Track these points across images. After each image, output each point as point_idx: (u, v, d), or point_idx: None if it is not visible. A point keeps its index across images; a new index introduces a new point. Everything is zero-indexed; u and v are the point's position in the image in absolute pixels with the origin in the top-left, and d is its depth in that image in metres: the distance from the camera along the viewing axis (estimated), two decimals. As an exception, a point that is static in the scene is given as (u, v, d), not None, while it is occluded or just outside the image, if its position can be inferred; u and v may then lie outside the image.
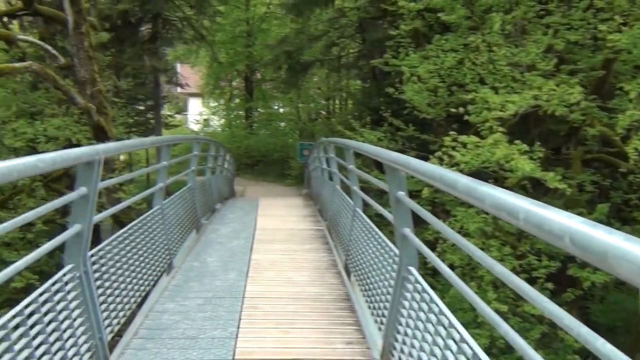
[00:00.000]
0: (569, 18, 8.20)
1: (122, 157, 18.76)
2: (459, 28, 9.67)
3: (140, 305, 4.16)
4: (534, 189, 8.84)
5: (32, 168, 2.08)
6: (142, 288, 4.04)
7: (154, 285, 4.57)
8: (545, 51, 8.19)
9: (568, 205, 8.47)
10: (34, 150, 10.22)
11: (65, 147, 4.78)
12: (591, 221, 1.07)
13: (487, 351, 7.67)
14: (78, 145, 9.80)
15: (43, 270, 9.30)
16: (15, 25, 15.75)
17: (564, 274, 8.08)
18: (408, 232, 2.88)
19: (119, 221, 9.66)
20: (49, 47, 10.69)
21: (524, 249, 8.02)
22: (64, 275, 2.77)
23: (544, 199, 8.68)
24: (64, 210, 5.32)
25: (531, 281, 8.07)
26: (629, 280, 0.91)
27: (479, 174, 8.19)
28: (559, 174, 7.47)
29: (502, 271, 1.74)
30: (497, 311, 7.48)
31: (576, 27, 8.11)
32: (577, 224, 1.07)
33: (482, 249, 7.41)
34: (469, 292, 2.08)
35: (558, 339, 8.03)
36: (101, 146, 3.01)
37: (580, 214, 7.59)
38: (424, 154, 9.69)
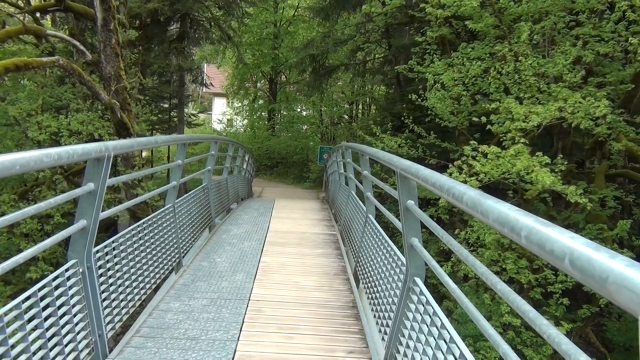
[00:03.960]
0: (599, 30, 8.00)
1: (144, 154, 18.99)
2: (486, 36, 9.54)
3: (145, 302, 4.15)
4: (555, 202, 8.65)
5: (36, 162, 2.07)
6: (147, 286, 4.03)
7: (161, 283, 4.57)
8: (573, 63, 8.02)
9: (589, 220, 8.28)
10: (57, 144, 10.38)
11: (87, 142, 4.82)
12: (594, 243, 1.00)
13: (498, 366, 7.53)
14: (100, 140, 9.93)
15: (60, 262, 9.42)
16: (47, 20, 16.06)
17: (581, 289, 7.89)
18: (416, 242, 2.81)
19: (137, 217, 9.73)
20: (77, 43, 10.81)
21: (540, 262, 7.84)
22: (67, 270, 2.76)
23: (564, 213, 8.53)
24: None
25: (547, 296, 7.88)
26: (629, 309, 0.85)
27: (499, 185, 8.05)
28: (581, 188, 7.29)
29: (503, 289, 1.66)
30: (509, 324, 7.28)
31: (606, 39, 7.93)
32: (579, 245, 1.01)
33: (497, 261, 7.25)
34: (471, 308, 2.01)
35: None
36: (110, 143, 3.00)
37: (601, 229, 7.36)
38: (444, 162, 9.57)
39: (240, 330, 3.70)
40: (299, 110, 28.78)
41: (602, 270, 0.90)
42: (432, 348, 2.34)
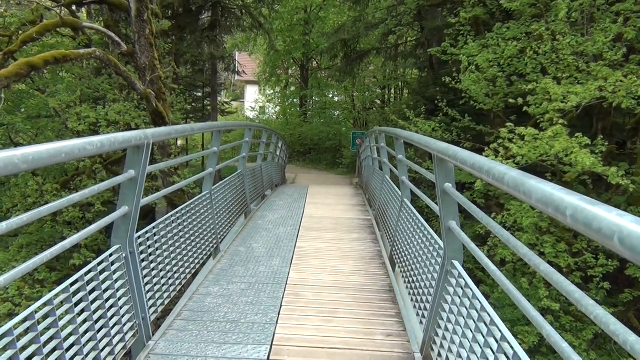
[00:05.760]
0: (642, 5, 7.70)
1: (179, 142, 19.28)
2: (521, 16, 9.29)
3: (185, 287, 4.25)
4: (595, 184, 8.42)
5: (80, 150, 2.12)
6: (187, 270, 4.12)
7: (200, 268, 4.66)
8: (614, 40, 7.74)
9: (632, 202, 8.05)
10: (95, 134, 10.64)
11: (125, 132, 4.92)
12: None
13: (537, 349, 7.43)
14: (137, 129, 10.13)
15: (101, 249, 9.71)
16: (83, 13, 16.36)
17: (623, 273, 7.68)
18: (454, 225, 2.78)
19: (174, 205, 9.92)
20: (113, 35, 10.97)
21: (580, 246, 7.66)
22: (110, 255, 2.85)
23: (605, 196, 8.29)
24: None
25: (587, 280, 7.71)
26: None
27: (536, 168, 7.87)
28: (622, 170, 7.07)
29: (547, 270, 1.63)
30: (548, 309, 7.16)
31: (649, 14, 7.63)
32: (628, 223, 0.98)
33: (535, 244, 7.12)
34: (512, 290, 1.99)
35: (612, 340, 7.65)
36: (149, 131, 3.06)
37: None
38: (480, 145, 9.42)
39: (279, 314, 3.75)
40: (330, 96, 28.69)
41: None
42: (472, 331, 2.33)
